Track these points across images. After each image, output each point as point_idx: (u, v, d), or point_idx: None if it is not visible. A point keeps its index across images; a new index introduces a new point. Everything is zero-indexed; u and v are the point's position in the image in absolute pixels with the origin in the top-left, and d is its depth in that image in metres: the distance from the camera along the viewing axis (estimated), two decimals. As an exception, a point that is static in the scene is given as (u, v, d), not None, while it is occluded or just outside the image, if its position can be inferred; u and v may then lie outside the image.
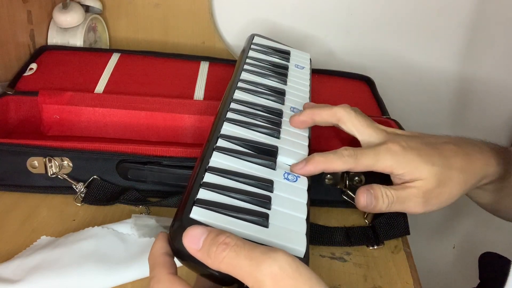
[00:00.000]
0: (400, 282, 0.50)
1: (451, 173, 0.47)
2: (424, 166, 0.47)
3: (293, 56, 0.65)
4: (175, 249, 0.34)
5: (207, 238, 0.32)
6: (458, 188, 0.48)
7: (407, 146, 0.48)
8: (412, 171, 0.47)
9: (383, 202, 0.47)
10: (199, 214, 0.35)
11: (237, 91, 0.53)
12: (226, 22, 0.85)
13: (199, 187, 0.38)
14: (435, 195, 0.47)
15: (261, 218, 0.36)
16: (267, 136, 0.47)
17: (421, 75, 0.88)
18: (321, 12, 0.84)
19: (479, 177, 0.49)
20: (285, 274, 0.30)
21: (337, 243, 0.54)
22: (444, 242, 1.07)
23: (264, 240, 0.35)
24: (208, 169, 0.40)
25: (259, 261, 0.30)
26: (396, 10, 0.82)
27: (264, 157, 0.44)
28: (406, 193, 0.47)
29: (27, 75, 0.67)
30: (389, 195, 0.47)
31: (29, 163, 0.55)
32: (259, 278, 0.30)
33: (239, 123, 0.47)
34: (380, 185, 0.47)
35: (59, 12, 0.75)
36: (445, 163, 0.48)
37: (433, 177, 0.47)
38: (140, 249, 0.49)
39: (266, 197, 0.39)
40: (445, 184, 0.47)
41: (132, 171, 0.57)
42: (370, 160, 0.47)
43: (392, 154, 0.47)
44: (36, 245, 0.50)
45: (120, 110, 0.61)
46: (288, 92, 0.56)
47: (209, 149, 0.43)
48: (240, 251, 0.31)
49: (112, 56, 0.73)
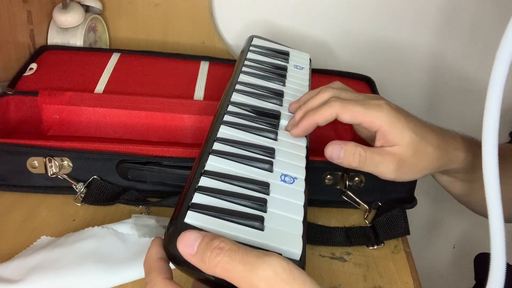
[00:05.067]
0: (400, 282, 0.50)
1: (427, 147, 0.49)
2: (407, 132, 0.47)
3: (292, 56, 0.65)
4: (170, 254, 0.34)
5: (202, 243, 0.32)
6: (431, 163, 0.49)
7: (397, 109, 0.49)
8: (396, 132, 0.47)
9: (353, 159, 0.47)
10: (193, 219, 0.35)
11: (234, 93, 0.52)
12: (226, 22, 0.85)
13: (194, 192, 0.37)
14: (408, 165, 0.48)
15: (256, 221, 0.36)
16: (265, 139, 0.47)
17: (421, 75, 0.88)
18: (321, 12, 0.84)
19: (448, 158, 0.51)
20: (279, 278, 0.30)
21: (337, 243, 0.54)
22: (444, 242, 1.07)
23: (259, 243, 0.35)
24: (203, 173, 0.40)
25: (254, 265, 0.30)
26: (397, 10, 0.82)
27: (261, 159, 0.44)
28: (382, 157, 0.48)
29: (27, 75, 0.67)
30: (362, 154, 0.47)
31: (29, 163, 0.55)
32: (254, 283, 0.30)
33: (236, 126, 0.47)
34: (360, 145, 0.48)
35: (59, 12, 0.75)
36: (425, 136, 0.49)
37: (411, 146, 0.48)
38: (140, 249, 0.49)
39: (262, 200, 0.38)
40: (420, 156, 0.48)
41: (132, 171, 0.57)
42: (358, 108, 0.47)
43: (381, 110, 0.48)
44: (36, 245, 0.50)
45: (120, 110, 0.61)
46: (287, 93, 0.56)
47: (205, 152, 0.42)
48: (234, 256, 0.31)
49: (112, 56, 0.73)
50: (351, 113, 0.47)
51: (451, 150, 0.51)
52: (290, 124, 0.50)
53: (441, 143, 0.50)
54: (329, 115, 0.48)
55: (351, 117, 0.47)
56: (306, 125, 0.48)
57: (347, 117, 0.47)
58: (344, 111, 0.47)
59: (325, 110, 0.48)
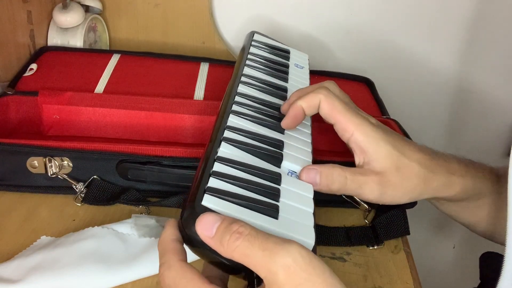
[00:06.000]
0: (400, 282, 0.50)
1: (412, 165, 0.46)
2: (383, 144, 0.45)
3: (293, 55, 0.65)
4: (187, 236, 0.34)
5: (221, 226, 0.32)
6: (418, 184, 0.46)
7: (378, 124, 0.47)
8: (370, 141, 0.45)
9: (333, 182, 0.44)
10: (210, 202, 0.35)
11: (240, 85, 0.52)
12: (226, 23, 0.85)
13: (209, 176, 0.37)
14: (391, 184, 0.45)
15: (271, 209, 0.36)
16: (272, 131, 0.47)
17: (421, 75, 0.88)
18: (321, 13, 0.84)
19: (441, 182, 0.47)
20: (298, 266, 0.30)
21: (337, 243, 0.54)
22: (444, 242, 1.07)
23: (274, 231, 0.35)
24: (217, 158, 0.40)
25: (273, 252, 0.30)
26: (397, 10, 0.82)
27: (271, 149, 0.44)
28: (364, 177, 0.45)
29: (27, 75, 0.67)
30: (341, 175, 0.44)
31: (29, 163, 0.55)
32: (272, 270, 0.30)
33: (244, 116, 0.47)
34: (338, 165, 0.45)
35: (59, 12, 0.75)
36: (407, 152, 0.46)
37: (390, 160, 0.45)
38: (140, 249, 0.49)
39: (276, 189, 0.39)
40: (403, 175, 0.45)
41: (132, 171, 0.57)
42: (340, 106, 0.45)
43: (359, 118, 0.45)
44: (36, 245, 0.50)
45: (120, 110, 0.61)
46: (290, 90, 0.56)
47: (216, 139, 0.42)
48: (254, 241, 0.31)
49: (112, 57, 0.73)
50: (331, 106, 0.45)
51: (444, 174, 0.47)
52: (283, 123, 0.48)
53: (430, 164, 0.47)
54: (312, 100, 0.46)
55: (329, 110, 0.45)
56: (293, 113, 0.46)
57: (326, 108, 0.45)
58: (326, 100, 0.45)
59: (310, 95, 0.46)
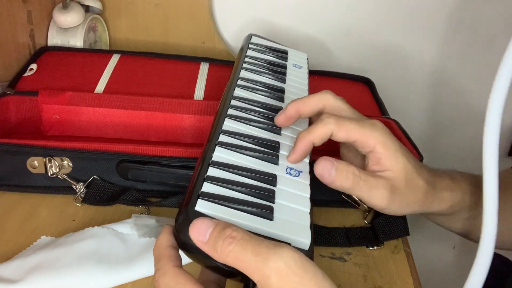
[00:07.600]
0: (400, 282, 0.50)
1: (419, 179, 0.46)
2: (401, 158, 0.45)
3: (291, 55, 0.65)
4: (181, 242, 0.34)
5: (214, 231, 0.32)
6: (420, 198, 0.46)
7: (390, 133, 0.46)
8: (389, 154, 0.44)
9: (346, 178, 0.43)
10: (204, 207, 0.35)
11: (237, 88, 0.53)
12: (226, 23, 0.85)
13: (203, 181, 0.38)
14: (400, 194, 0.45)
15: (266, 210, 0.36)
16: (268, 132, 0.47)
17: (421, 75, 0.88)
18: (321, 13, 0.84)
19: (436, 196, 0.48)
20: (291, 270, 0.30)
21: (337, 243, 0.54)
22: (444, 242, 1.07)
23: (269, 232, 0.35)
24: (211, 163, 0.40)
25: (265, 256, 0.31)
26: (397, 10, 0.82)
27: (267, 151, 0.44)
28: (376, 180, 0.44)
29: (27, 75, 0.67)
30: (356, 174, 0.43)
31: (29, 163, 0.55)
32: (265, 274, 0.30)
33: (240, 119, 0.47)
34: (352, 164, 0.44)
35: (59, 12, 0.75)
36: (417, 168, 0.46)
37: (404, 173, 0.45)
38: (140, 249, 0.49)
39: (270, 191, 0.39)
40: (410, 187, 0.46)
41: (132, 171, 0.57)
42: (353, 126, 0.44)
43: (376, 130, 0.45)
44: (36, 245, 0.50)
45: (120, 110, 0.61)
46: (287, 90, 0.56)
47: (211, 144, 0.43)
48: (246, 246, 0.31)
49: (112, 57, 0.73)
50: (346, 130, 0.44)
51: (438, 189, 0.48)
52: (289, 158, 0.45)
53: (431, 179, 0.47)
54: (324, 133, 0.44)
55: (346, 134, 0.44)
56: (301, 147, 0.44)
57: (343, 134, 0.44)
58: (339, 128, 0.44)
59: (320, 128, 0.44)
